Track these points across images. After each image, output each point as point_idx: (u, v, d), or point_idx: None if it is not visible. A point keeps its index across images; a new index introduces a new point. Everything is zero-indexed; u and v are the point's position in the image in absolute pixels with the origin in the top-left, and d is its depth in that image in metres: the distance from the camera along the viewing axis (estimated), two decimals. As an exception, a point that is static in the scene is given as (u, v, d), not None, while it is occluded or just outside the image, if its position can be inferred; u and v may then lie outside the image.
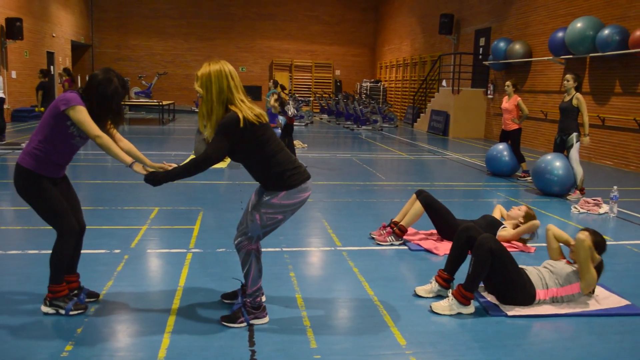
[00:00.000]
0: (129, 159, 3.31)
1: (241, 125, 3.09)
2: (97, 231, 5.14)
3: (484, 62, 15.96)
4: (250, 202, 3.49)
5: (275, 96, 9.61)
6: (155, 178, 3.21)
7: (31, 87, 18.36)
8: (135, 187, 7.48)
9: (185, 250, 4.76)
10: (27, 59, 18.36)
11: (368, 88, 24.96)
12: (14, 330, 3.22)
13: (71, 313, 3.40)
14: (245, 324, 3.37)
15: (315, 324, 3.43)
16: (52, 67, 20.47)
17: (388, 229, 5.20)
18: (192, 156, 8.94)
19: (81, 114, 3.22)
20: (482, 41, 16.77)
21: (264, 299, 3.58)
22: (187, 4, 25.97)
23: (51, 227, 3.44)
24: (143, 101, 20.20)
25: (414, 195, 5.21)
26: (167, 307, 3.60)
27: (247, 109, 3.15)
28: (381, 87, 25.07)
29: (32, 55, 18.81)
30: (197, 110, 23.53)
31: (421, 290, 3.95)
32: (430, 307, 3.69)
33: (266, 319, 3.43)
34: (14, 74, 17.34)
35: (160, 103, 19.00)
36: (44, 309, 3.43)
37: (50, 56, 20.56)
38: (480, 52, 16.82)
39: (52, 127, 3.27)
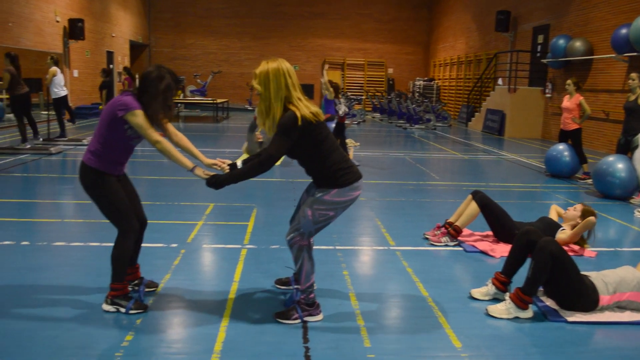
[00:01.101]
0: (190, 164, 3.37)
1: (299, 123, 3.14)
2: (154, 225, 5.25)
3: (542, 60, 15.51)
4: (301, 199, 3.56)
5: (327, 83, 9.47)
6: (217, 181, 3.27)
7: (92, 85, 19.04)
8: (191, 183, 7.64)
9: (239, 246, 4.83)
10: (88, 58, 19.04)
11: (421, 86, 24.68)
12: (76, 319, 3.34)
13: (131, 312, 3.44)
14: (299, 320, 3.38)
15: (368, 323, 3.41)
16: (111, 66, 21.16)
17: (443, 229, 5.12)
18: (245, 155, 9.06)
19: (139, 119, 3.27)
20: (540, 38, 16.30)
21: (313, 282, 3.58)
22: (240, 3, 26.32)
23: (107, 220, 3.53)
24: (198, 99, 20.61)
25: (470, 196, 5.12)
26: (223, 301, 3.66)
27: (304, 107, 3.19)
28: (434, 85, 24.74)
29: (93, 55, 19.49)
30: (250, 108, 23.92)
31: (477, 292, 3.87)
32: (487, 310, 3.61)
33: (320, 316, 3.44)
34: (75, 73, 18.01)
35: (215, 101, 19.34)
36: (105, 307, 3.47)
37: (110, 55, 21.25)
38: (538, 49, 16.35)
39: (111, 129, 3.33)
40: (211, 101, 19.46)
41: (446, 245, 5.02)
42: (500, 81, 17.87)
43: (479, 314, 3.61)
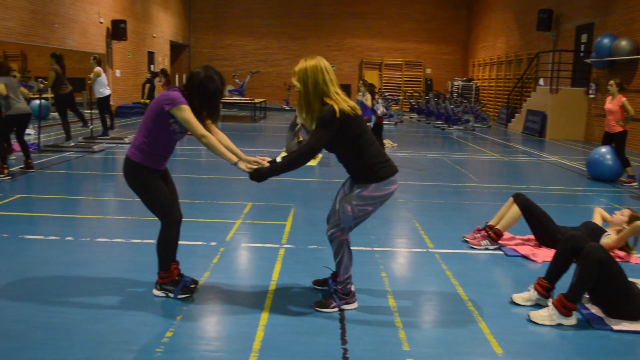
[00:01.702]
0: (234, 158, 3.44)
1: (337, 116, 3.25)
2: (193, 223, 5.34)
3: (585, 60, 15.13)
4: (338, 194, 3.63)
5: (368, 94, 9.56)
6: (260, 174, 3.37)
7: (133, 85, 19.43)
8: (229, 182, 7.72)
9: (278, 246, 4.85)
10: (129, 59, 19.42)
11: (460, 87, 24.37)
12: (119, 314, 3.40)
13: (179, 296, 3.64)
14: (337, 308, 3.52)
15: (407, 326, 3.37)
16: (152, 66, 21.55)
17: (483, 232, 5.04)
18: (283, 153, 9.10)
19: (186, 113, 3.36)
20: (583, 38, 15.90)
21: (352, 288, 3.65)
22: (279, 3, 26.47)
23: (152, 218, 3.61)
24: (236, 99, 20.78)
25: (511, 199, 5.02)
26: (261, 300, 3.68)
27: (342, 101, 3.32)
28: (473, 85, 24.40)
29: (135, 55, 19.88)
30: (287, 108, 24.06)
31: (518, 297, 3.79)
32: (528, 315, 3.53)
33: (356, 305, 3.59)
34: (118, 73, 18.40)
35: (253, 101, 19.49)
36: (155, 292, 3.69)
37: (151, 56, 21.64)
38: (582, 49, 15.95)
39: (156, 124, 3.44)
40: (249, 101, 19.61)
41: (486, 249, 4.93)
42: (541, 81, 17.50)
43: (521, 319, 3.53)
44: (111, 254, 4.56)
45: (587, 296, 3.72)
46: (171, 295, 3.65)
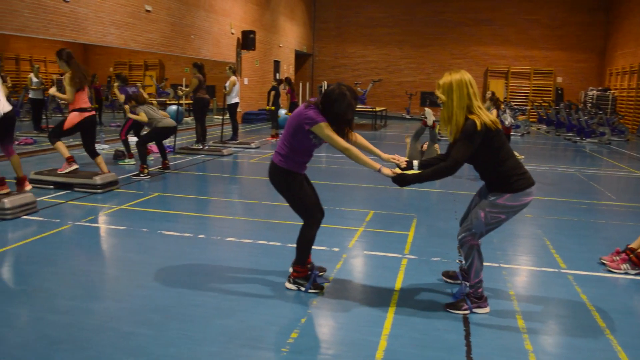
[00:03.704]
0: (377, 165, 3.65)
1: (479, 129, 3.33)
2: (317, 229, 5.43)
3: None
4: (473, 200, 3.77)
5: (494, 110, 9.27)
6: (405, 179, 3.55)
7: (260, 92, 20.26)
8: (350, 189, 7.79)
9: (400, 256, 4.80)
10: (257, 67, 20.27)
11: (594, 97, 22.80)
12: (247, 312, 3.54)
13: (310, 291, 3.88)
14: (468, 311, 3.62)
15: (538, 350, 3.19)
16: (277, 74, 22.35)
17: (623, 255, 4.65)
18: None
19: (326, 130, 3.58)
20: None
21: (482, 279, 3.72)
22: (402, 12, 26.35)
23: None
24: (358, 107, 20.95)
25: (658, 220, 4.59)
26: (384, 309, 3.66)
27: (484, 115, 3.41)
28: (610, 96, 22.72)
29: (262, 64, 20.71)
30: (408, 117, 23.93)
31: (666, 329, 3.45)
32: (678, 350, 3.21)
33: (487, 309, 3.64)
34: (246, 81, 19.27)
35: (374, 109, 19.56)
36: (288, 285, 3.96)
37: (277, 64, 22.44)
38: None
39: (297, 139, 3.69)
40: (370, 109, 19.71)
41: (626, 274, 4.55)
42: (691, 92, 15.90)
43: (669, 353, 3.22)
44: (240, 254, 4.77)
45: None
46: (302, 289, 3.89)
